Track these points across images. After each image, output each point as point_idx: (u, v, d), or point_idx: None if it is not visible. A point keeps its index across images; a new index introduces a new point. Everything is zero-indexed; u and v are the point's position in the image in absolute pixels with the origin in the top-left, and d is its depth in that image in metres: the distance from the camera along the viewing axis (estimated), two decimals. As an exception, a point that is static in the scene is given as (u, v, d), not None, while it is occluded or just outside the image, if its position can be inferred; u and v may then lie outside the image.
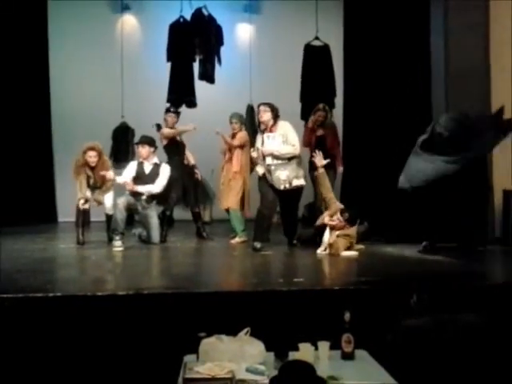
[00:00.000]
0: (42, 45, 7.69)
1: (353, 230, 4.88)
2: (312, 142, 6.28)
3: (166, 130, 5.94)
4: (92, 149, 5.33)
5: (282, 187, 5.00)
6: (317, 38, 7.46)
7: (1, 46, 6.78)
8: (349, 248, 4.80)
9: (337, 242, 4.71)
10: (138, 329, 3.01)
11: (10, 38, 6.95)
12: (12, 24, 6.97)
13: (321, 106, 6.42)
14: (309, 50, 7.50)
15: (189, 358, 2.49)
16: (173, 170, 5.68)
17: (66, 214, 7.06)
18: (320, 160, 5.15)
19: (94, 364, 2.93)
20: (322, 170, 5.14)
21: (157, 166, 5.56)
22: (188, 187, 5.88)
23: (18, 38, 7.08)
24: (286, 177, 4.98)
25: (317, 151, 5.27)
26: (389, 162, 6.51)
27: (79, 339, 2.95)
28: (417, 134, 5.19)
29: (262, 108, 5.17)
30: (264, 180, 5.10)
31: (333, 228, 4.84)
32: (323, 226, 4.94)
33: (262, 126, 5.18)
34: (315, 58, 7.45)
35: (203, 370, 2.28)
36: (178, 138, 6.00)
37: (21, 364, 2.88)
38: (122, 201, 5.27)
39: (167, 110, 6.18)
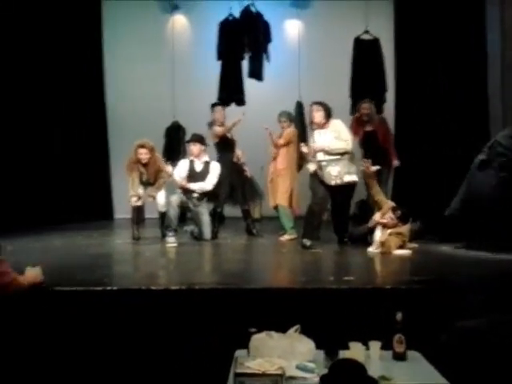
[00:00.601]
0: (97, 46, 7.93)
1: (405, 228, 4.77)
2: (360, 136, 6.18)
3: (217, 129, 5.97)
4: (142, 146, 5.44)
5: (332, 183, 4.94)
6: (366, 32, 7.35)
7: (57, 46, 6.99)
8: (401, 247, 4.70)
9: (389, 241, 4.64)
10: (190, 323, 3.08)
11: (66, 38, 7.15)
12: (68, 25, 7.17)
13: (365, 100, 6.28)
14: (358, 44, 7.40)
15: (240, 353, 2.53)
16: (222, 168, 5.75)
17: (121, 211, 7.28)
18: (369, 167, 5.02)
19: (146, 355, 3.02)
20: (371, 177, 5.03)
21: (207, 164, 5.64)
22: (236, 185, 5.92)
23: (74, 39, 7.28)
24: (337, 172, 4.92)
25: (365, 160, 5.13)
26: (442, 158, 6.34)
27: (133, 331, 3.06)
28: (472, 129, 5.02)
29: (314, 107, 5.10)
30: (315, 177, 5.05)
31: (385, 226, 4.77)
32: (375, 225, 4.87)
33: (314, 126, 5.14)
34: (365, 52, 7.34)
35: (254, 365, 2.31)
36: (229, 136, 6.04)
37: (79, 354, 3.02)
38: (175, 198, 5.39)
39: (213, 106, 6.22)
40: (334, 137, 4.98)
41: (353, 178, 5.01)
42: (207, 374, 2.91)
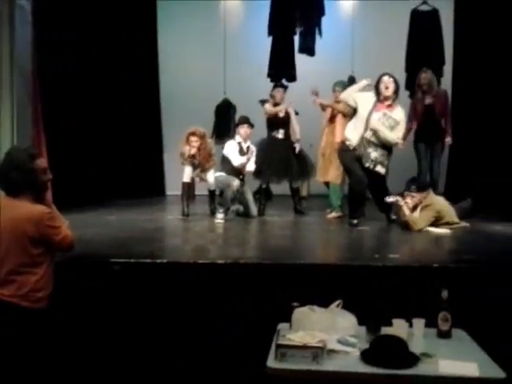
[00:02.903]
0: (151, 23, 8.01)
1: (432, 199, 4.61)
2: (419, 112, 5.97)
3: (268, 108, 5.90)
4: (193, 134, 5.54)
5: (366, 165, 4.80)
6: (425, 3, 7.05)
7: (112, 25, 7.02)
8: (437, 220, 4.54)
9: (413, 218, 4.51)
10: (235, 296, 3.15)
11: (120, 18, 7.20)
12: (123, 4, 7.24)
13: (424, 69, 5.98)
14: (416, 15, 7.13)
15: (282, 326, 2.58)
16: (268, 145, 5.78)
17: (173, 188, 7.44)
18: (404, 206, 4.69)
19: (191, 326, 3.12)
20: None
21: (249, 147, 5.70)
22: (285, 162, 5.82)
23: (128, 19, 7.34)
24: (374, 157, 4.81)
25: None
26: (500, 136, 6.04)
27: (181, 303, 3.16)
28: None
29: (387, 79, 4.84)
30: (352, 152, 4.85)
31: (416, 206, 4.60)
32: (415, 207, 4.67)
33: (382, 97, 4.85)
34: (423, 24, 7.06)
35: (295, 337, 2.35)
36: (281, 115, 5.93)
37: (127, 323, 3.15)
38: (237, 183, 5.46)
39: (275, 86, 6.18)
40: (390, 126, 4.79)
41: (382, 170, 4.85)
42: (251, 346, 2.98)
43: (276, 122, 5.94)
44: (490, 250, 3.80)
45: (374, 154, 4.80)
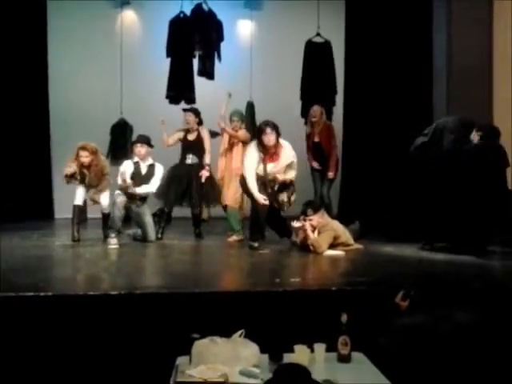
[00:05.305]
0: (41, 41, 7.61)
1: (327, 219, 4.80)
2: (310, 147, 6.25)
3: (169, 140, 5.79)
4: (83, 148, 5.23)
5: (285, 209, 4.98)
6: (318, 35, 7.39)
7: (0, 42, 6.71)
8: (335, 240, 4.68)
9: (317, 240, 4.61)
10: (131, 329, 2.95)
11: (8, 33, 6.87)
12: (11, 19, 6.89)
13: (315, 105, 6.33)
14: (310, 46, 7.44)
15: (181, 360, 2.44)
16: (173, 169, 5.66)
17: (62, 211, 7.01)
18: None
19: (84, 365, 2.87)
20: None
21: (152, 167, 5.46)
22: (189, 187, 5.66)
23: (17, 34, 7.01)
24: (286, 198, 4.97)
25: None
26: (389, 161, 6.47)
27: (70, 341, 2.89)
28: (418, 131, 5.15)
29: (270, 131, 4.85)
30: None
31: (315, 228, 4.73)
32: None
33: (265, 150, 4.92)
34: (316, 55, 7.38)
35: (195, 373, 2.24)
36: (190, 138, 5.81)
37: (6, 366, 2.82)
38: (121, 199, 5.20)
39: (185, 110, 6.03)
40: (286, 165, 4.93)
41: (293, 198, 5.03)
42: (148, 382, 2.79)
43: (185, 146, 5.81)
44: (383, 272, 3.96)
45: (282, 196, 4.96)
